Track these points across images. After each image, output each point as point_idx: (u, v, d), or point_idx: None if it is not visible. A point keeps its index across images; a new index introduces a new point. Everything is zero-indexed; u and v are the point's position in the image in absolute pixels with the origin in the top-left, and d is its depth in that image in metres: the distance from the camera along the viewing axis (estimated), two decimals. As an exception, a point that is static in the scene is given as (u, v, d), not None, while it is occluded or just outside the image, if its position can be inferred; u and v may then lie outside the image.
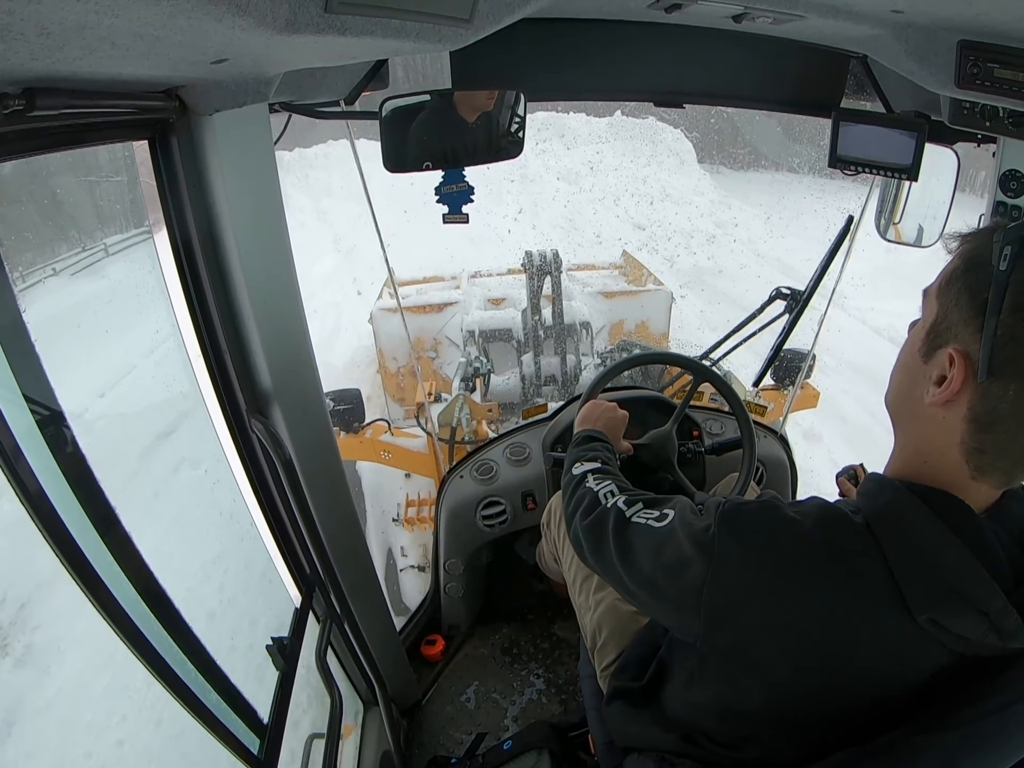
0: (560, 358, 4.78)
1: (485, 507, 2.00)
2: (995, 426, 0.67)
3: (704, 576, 0.77)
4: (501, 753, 1.68)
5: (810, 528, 0.74)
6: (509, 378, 5.06)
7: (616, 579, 0.96)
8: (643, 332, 6.11)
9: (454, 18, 0.69)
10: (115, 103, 0.73)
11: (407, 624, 2.22)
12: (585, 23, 1.30)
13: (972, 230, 0.73)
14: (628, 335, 6.08)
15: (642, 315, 6.07)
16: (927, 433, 0.73)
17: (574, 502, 1.09)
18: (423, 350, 5.80)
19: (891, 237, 1.64)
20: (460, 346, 5.57)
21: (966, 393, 0.67)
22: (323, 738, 1.44)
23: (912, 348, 0.76)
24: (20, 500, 0.66)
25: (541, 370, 4.77)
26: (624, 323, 6.07)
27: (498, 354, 5.40)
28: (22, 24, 0.40)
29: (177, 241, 1.03)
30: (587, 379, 4.94)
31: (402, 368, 5.76)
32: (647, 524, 0.91)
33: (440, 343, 5.81)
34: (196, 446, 3.14)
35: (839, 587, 0.71)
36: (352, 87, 1.22)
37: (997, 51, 0.94)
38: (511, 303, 5.87)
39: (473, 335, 5.41)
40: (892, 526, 0.71)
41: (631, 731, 1.06)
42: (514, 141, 1.32)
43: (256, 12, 0.49)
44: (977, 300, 0.66)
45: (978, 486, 0.71)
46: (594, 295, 6.04)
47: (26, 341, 0.69)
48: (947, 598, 0.67)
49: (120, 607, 0.80)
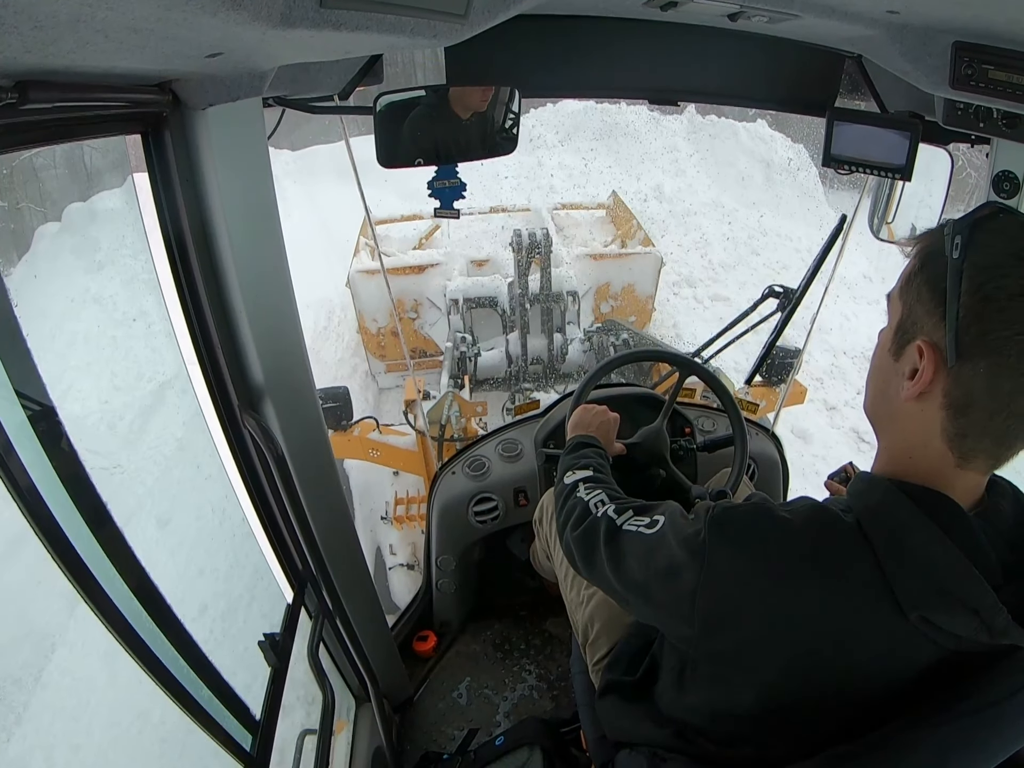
0: (547, 339, 4.75)
1: (477, 503, 2.00)
2: (971, 408, 0.67)
3: (696, 582, 0.78)
4: (493, 749, 1.69)
5: (801, 528, 0.74)
6: (493, 347, 5.05)
7: (609, 587, 0.96)
8: (629, 295, 6.14)
9: (449, 13, 0.69)
10: (108, 97, 0.73)
11: (399, 620, 2.22)
12: (580, 20, 1.30)
13: (925, 231, 0.75)
14: (614, 297, 6.09)
15: (629, 278, 6.09)
16: (907, 429, 0.74)
17: (565, 512, 1.09)
18: (404, 311, 5.85)
19: (884, 237, 1.64)
20: (441, 309, 5.58)
21: (939, 381, 0.68)
22: (315, 734, 1.44)
23: (882, 350, 0.77)
24: (12, 496, 0.66)
25: (528, 352, 4.75)
26: (610, 286, 6.08)
27: (483, 322, 5.40)
28: (15, 17, 0.39)
29: (170, 235, 1.02)
30: (573, 359, 4.92)
31: (382, 329, 5.82)
32: (638, 531, 0.91)
33: (420, 304, 5.86)
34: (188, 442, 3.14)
35: (831, 587, 0.71)
36: (346, 82, 1.21)
37: (991, 52, 0.94)
38: (495, 266, 5.81)
39: (457, 303, 5.42)
40: (883, 525, 0.71)
41: (623, 726, 1.07)
42: (508, 138, 1.32)
43: (251, 6, 0.49)
44: (937, 291, 0.68)
45: (965, 475, 0.72)
46: (581, 257, 6.02)
47: (18, 336, 0.68)
48: (938, 596, 0.67)
49: (112, 603, 0.79)
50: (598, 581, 1.00)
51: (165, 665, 0.89)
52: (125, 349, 3.97)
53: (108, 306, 4.28)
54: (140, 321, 3.85)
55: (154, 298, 3.14)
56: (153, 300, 3.27)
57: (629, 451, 1.57)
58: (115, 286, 4.33)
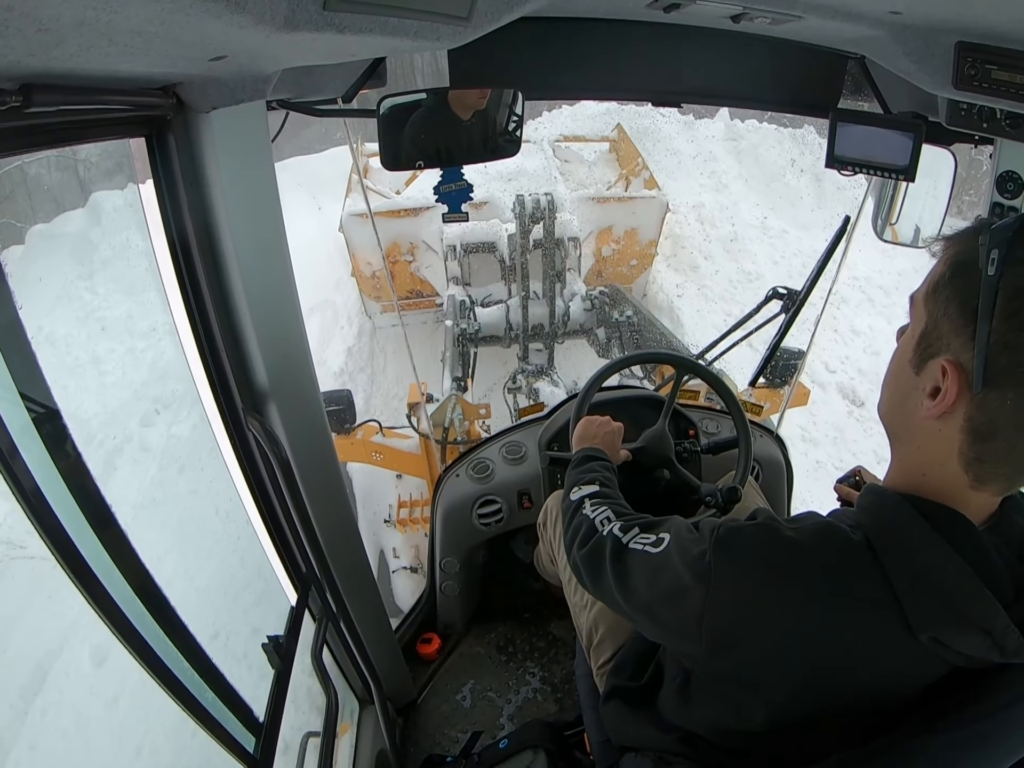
0: (548, 307, 4.65)
1: (481, 506, 2.00)
2: (994, 436, 0.65)
3: (703, 604, 0.76)
4: (497, 752, 1.68)
5: (809, 548, 0.73)
6: (490, 295, 5.00)
7: (616, 605, 0.95)
8: (631, 239, 6.04)
9: (452, 16, 0.69)
10: (112, 100, 0.73)
11: (403, 623, 2.22)
12: (583, 22, 1.30)
13: (955, 232, 0.70)
14: (616, 241, 6.00)
15: (633, 222, 5.98)
16: (924, 446, 0.72)
17: (572, 530, 1.09)
18: (399, 254, 5.77)
19: (887, 238, 1.64)
20: (438, 253, 5.50)
21: (961, 404, 0.66)
22: (319, 736, 1.44)
23: (903, 359, 0.74)
24: (16, 497, 0.66)
25: (529, 320, 4.64)
26: (612, 229, 5.98)
27: (481, 268, 5.33)
28: (20, 20, 0.40)
29: (174, 238, 1.03)
30: (575, 318, 4.86)
31: (377, 271, 5.78)
32: (644, 550, 0.90)
33: (416, 247, 5.77)
34: (192, 445, 3.15)
35: (840, 607, 0.70)
36: (350, 85, 1.21)
37: (995, 53, 0.94)
38: (494, 208, 5.62)
39: (455, 249, 5.32)
40: (893, 543, 0.70)
41: (628, 730, 1.06)
42: (511, 140, 1.32)
43: (255, 9, 0.49)
44: (967, 308, 0.64)
45: (979, 495, 0.70)
46: (584, 200, 5.89)
47: (22, 338, 0.68)
48: (949, 616, 0.67)
49: (116, 605, 0.79)
50: (605, 598, 0.99)
51: (168, 667, 0.88)
52: (128, 351, 3.98)
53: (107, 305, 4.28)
54: (145, 324, 3.86)
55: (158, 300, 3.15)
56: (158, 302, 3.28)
57: (634, 456, 1.57)
58: (116, 287, 4.34)
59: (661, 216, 6.01)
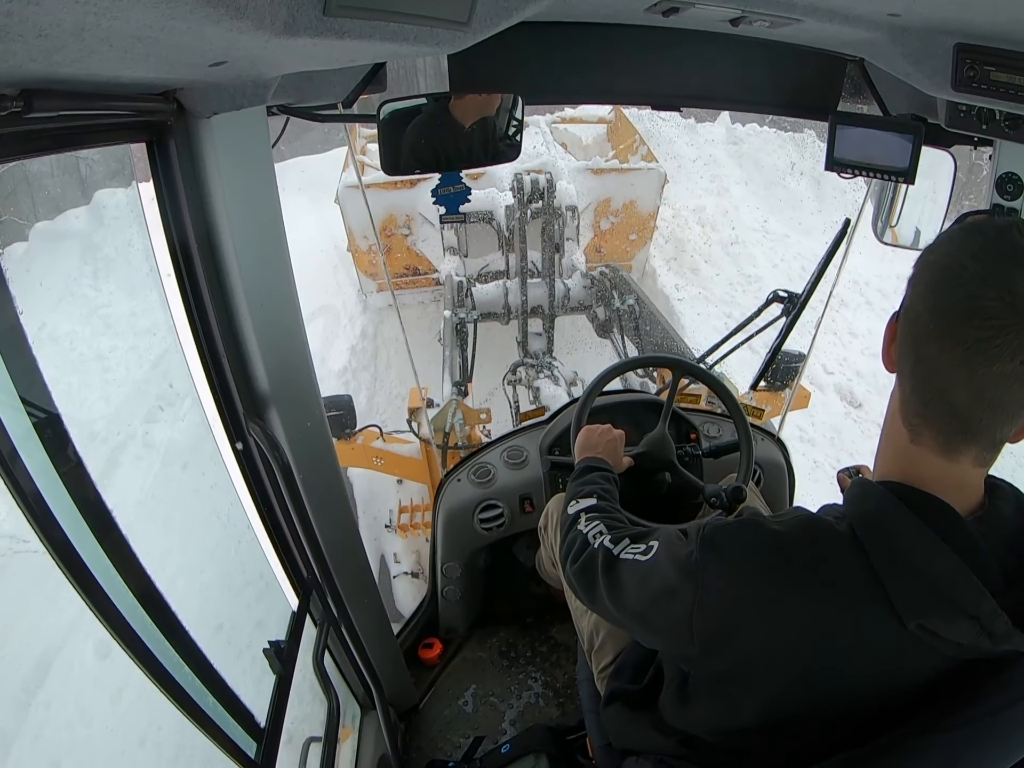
0: (547, 287, 4.54)
1: (482, 510, 1.99)
2: (920, 387, 0.71)
3: (692, 602, 0.78)
4: (499, 756, 1.68)
5: (793, 540, 0.74)
6: (487, 265, 4.92)
7: (611, 616, 0.97)
8: (630, 211, 5.95)
9: (452, 21, 0.69)
10: (113, 105, 0.73)
11: (404, 628, 2.22)
12: (583, 26, 1.30)
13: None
14: (614, 213, 5.91)
15: (631, 193, 5.90)
16: (888, 424, 0.77)
17: (566, 545, 1.10)
18: (395, 227, 5.65)
19: (888, 240, 1.64)
20: (435, 225, 5.39)
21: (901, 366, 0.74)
22: (320, 742, 1.44)
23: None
24: (17, 503, 0.66)
25: (528, 301, 4.51)
26: (611, 201, 5.89)
27: (477, 238, 5.23)
28: (20, 25, 0.40)
29: (175, 244, 1.03)
30: (575, 296, 4.78)
31: (373, 246, 5.69)
32: (634, 559, 0.92)
33: (413, 220, 5.65)
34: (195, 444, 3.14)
35: (827, 598, 0.71)
36: (350, 90, 1.22)
37: (994, 54, 0.94)
38: (491, 179, 5.42)
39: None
40: (877, 532, 0.71)
41: (629, 734, 1.06)
42: (512, 144, 1.32)
43: (254, 15, 0.49)
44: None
45: (950, 469, 0.71)
46: (581, 171, 5.78)
47: (23, 343, 0.68)
48: (936, 604, 0.67)
49: (117, 610, 0.79)
50: (600, 611, 1.01)
51: (170, 672, 0.88)
52: (131, 348, 3.97)
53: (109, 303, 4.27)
54: (147, 322, 3.85)
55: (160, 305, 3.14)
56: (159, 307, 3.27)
57: (637, 460, 1.57)
58: (118, 288, 4.33)
59: (660, 187, 5.90)
